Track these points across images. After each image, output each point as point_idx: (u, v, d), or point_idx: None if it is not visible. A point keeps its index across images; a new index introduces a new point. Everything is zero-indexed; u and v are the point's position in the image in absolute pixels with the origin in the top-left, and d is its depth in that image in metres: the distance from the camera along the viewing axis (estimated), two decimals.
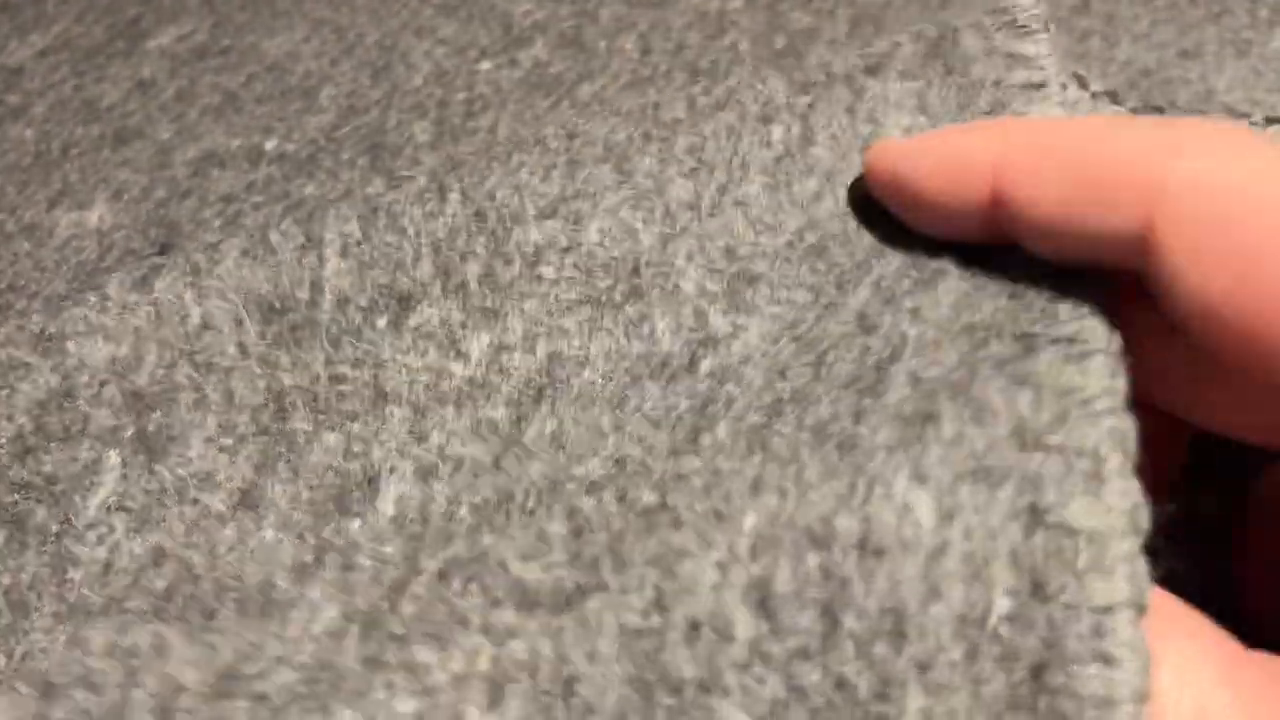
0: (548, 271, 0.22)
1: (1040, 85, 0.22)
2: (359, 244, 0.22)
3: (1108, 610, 0.15)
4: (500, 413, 0.21)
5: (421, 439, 0.21)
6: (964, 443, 0.16)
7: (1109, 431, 0.15)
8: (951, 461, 0.16)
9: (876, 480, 0.16)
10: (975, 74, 0.22)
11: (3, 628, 0.20)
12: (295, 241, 0.22)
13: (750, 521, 0.17)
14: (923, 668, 0.15)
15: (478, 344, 0.21)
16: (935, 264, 0.19)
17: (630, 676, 0.16)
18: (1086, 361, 0.16)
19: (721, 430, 0.18)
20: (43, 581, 0.21)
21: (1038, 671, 0.15)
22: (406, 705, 0.17)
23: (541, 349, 0.21)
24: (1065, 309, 0.17)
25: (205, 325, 0.22)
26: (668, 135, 0.22)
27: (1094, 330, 0.16)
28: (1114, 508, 0.15)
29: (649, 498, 0.18)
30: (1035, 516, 0.15)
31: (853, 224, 0.21)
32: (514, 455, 0.20)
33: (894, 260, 0.20)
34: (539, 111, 0.30)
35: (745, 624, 0.16)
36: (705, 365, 0.20)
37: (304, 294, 0.22)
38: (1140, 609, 0.15)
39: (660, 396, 0.20)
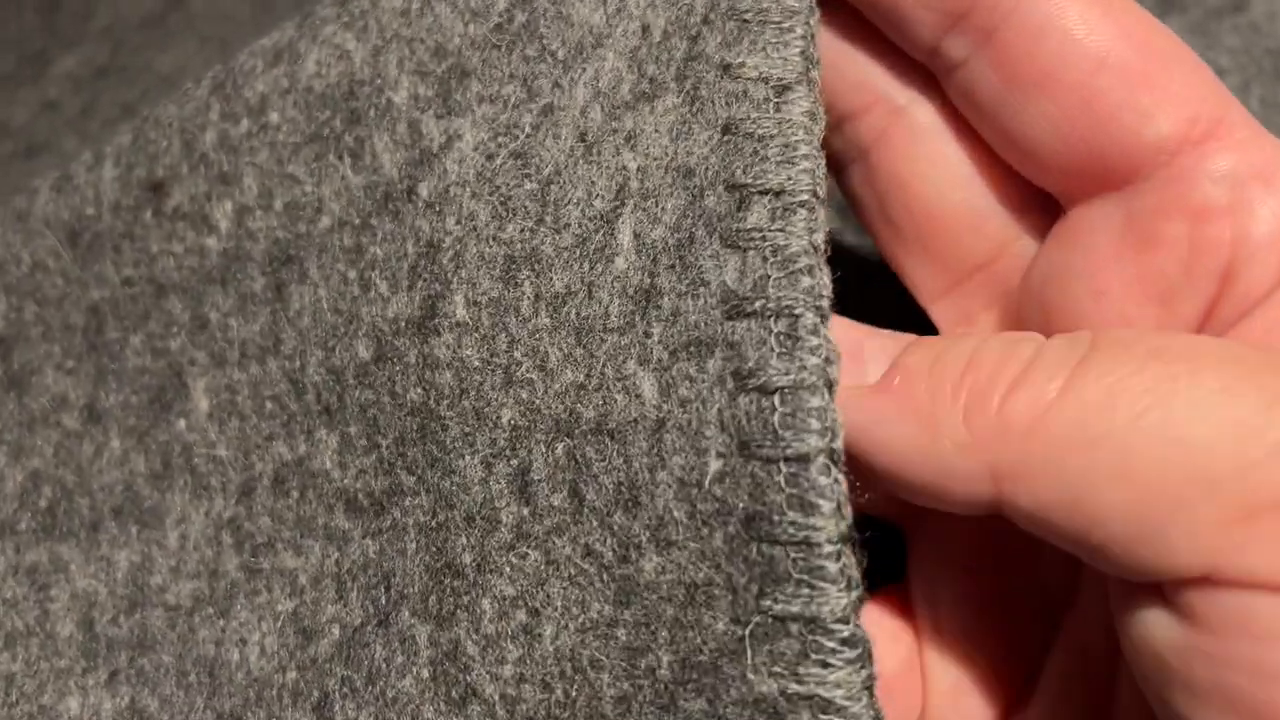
0: (273, 118, 0.21)
1: None
2: (129, 149, 0.22)
3: (802, 460, 0.15)
4: (259, 283, 0.21)
5: (203, 325, 0.21)
6: (680, 318, 0.17)
7: (804, 291, 0.16)
8: (669, 339, 0.17)
9: (608, 364, 0.17)
10: None
11: None
12: (86, 164, 0.23)
13: (507, 416, 0.18)
14: (654, 530, 0.16)
15: (222, 212, 0.21)
16: (652, 69, 0.18)
17: (428, 566, 0.18)
18: (790, 217, 0.16)
19: (459, 303, 0.18)
20: None
21: (749, 522, 0.16)
22: (286, 605, 0.20)
23: (278, 202, 0.21)
24: (774, 150, 0.17)
25: (35, 265, 0.23)
26: None
27: (798, 181, 0.17)
28: (806, 364, 0.16)
29: (414, 394, 0.19)
30: (739, 381, 0.16)
31: None
32: (289, 335, 0.20)
33: (608, 55, 0.19)
34: None
35: (510, 510, 0.18)
36: (424, 190, 0.19)
37: (90, 210, 0.22)
38: (833, 457, 0.15)
39: (389, 239, 0.19)
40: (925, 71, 0.20)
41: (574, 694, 0.17)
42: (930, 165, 0.20)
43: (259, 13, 0.38)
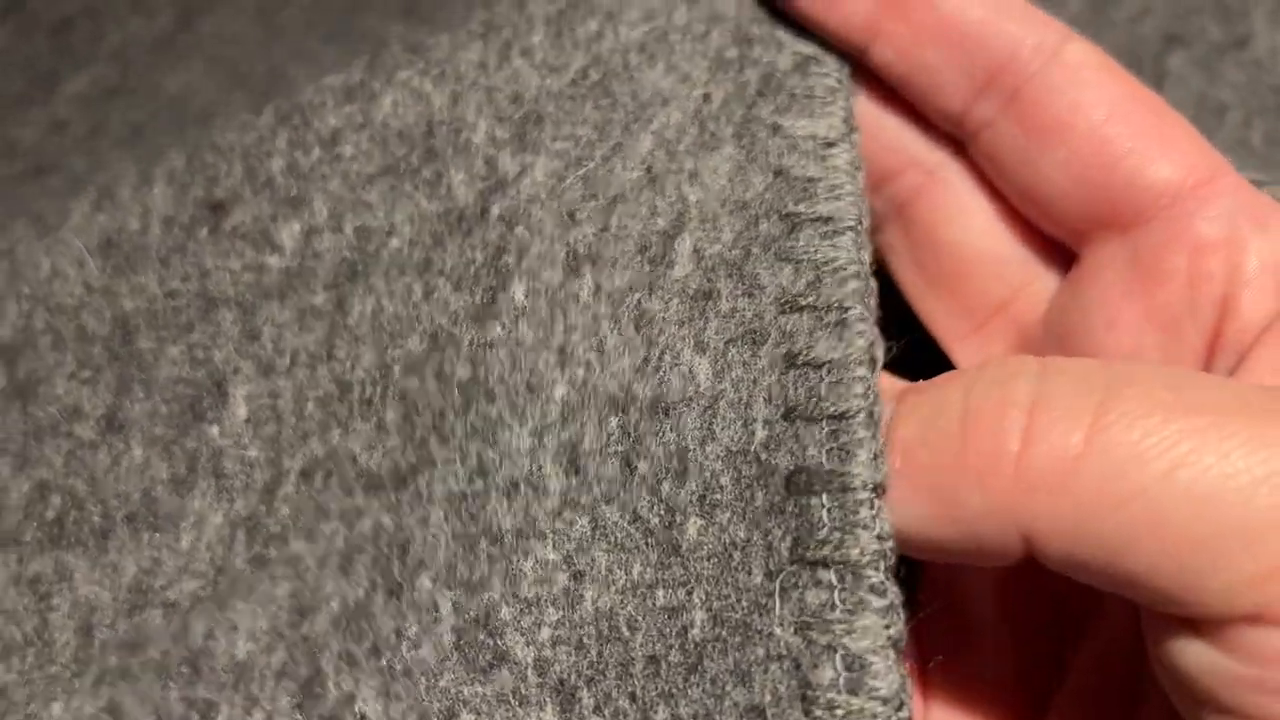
0: (346, 150, 0.22)
1: None
2: (183, 170, 0.23)
3: (844, 416, 0.17)
4: (321, 297, 0.22)
5: (254, 337, 0.22)
6: (737, 314, 0.18)
7: (853, 291, 0.18)
8: (726, 330, 0.18)
9: (666, 352, 0.18)
10: None
11: None
12: (131, 183, 0.23)
13: (560, 392, 0.19)
14: (700, 495, 0.17)
15: (289, 233, 0.22)
16: (713, 126, 0.21)
17: (457, 533, 0.19)
18: (838, 238, 0.19)
19: (519, 291, 0.20)
20: None
21: (789, 479, 0.17)
22: (285, 588, 0.20)
23: (349, 225, 0.22)
24: (823, 189, 0.19)
25: (54, 273, 0.23)
26: (465, 17, 0.23)
27: (845, 210, 0.19)
28: (853, 343, 0.17)
29: (462, 371, 0.20)
30: (789, 360, 0.18)
31: (633, 59, 0.22)
32: (344, 341, 0.21)
33: (674, 111, 0.21)
34: None
35: (557, 479, 0.18)
36: (495, 210, 0.21)
37: (135, 224, 0.23)
38: (873, 416, 0.17)
39: (459, 252, 0.21)
40: (950, 138, 0.23)
41: (607, 655, 0.17)
42: (958, 217, 0.23)
43: (269, 35, 0.38)
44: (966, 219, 0.22)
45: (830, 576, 0.16)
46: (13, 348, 0.23)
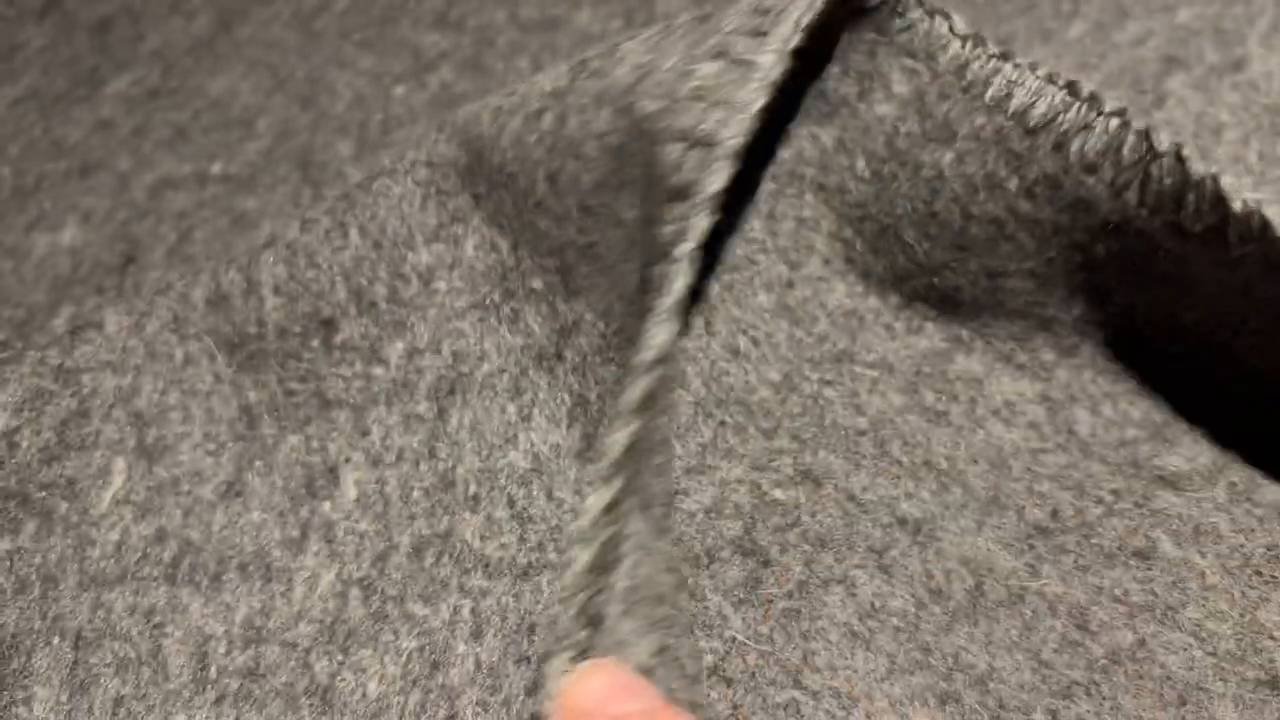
0: (440, 285, 0.27)
1: None
2: (287, 282, 0.28)
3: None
4: (423, 406, 0.26)
5: (365, 433, 0.26)
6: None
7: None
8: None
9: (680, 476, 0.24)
10: None
11: (36, 597, 0.25)
12: (240, 287, 0.28)
13: (634, 526, 0.23)
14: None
15: (394, 350, 0.27)
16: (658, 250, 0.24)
17: (573, 617, 0.23)
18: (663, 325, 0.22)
19: (609, 439, 0.24)
20: (66, 559, 0.26)
21: None
22: (410, 643, 0.24)
23: (446, 348, 0.27)
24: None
25: (187, 361, 0.27)
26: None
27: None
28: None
29: (573, 499, 0.25)
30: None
31: (607, 198, 0.26)
32: (444, 444, 0.26)
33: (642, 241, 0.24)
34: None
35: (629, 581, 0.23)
36: (569, 355, 0.26)
37: (253, 329, 0.27)
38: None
39: (548, 389, 0.26)
40: None
41: None
42: None
43: (307, 41, 0.39)
44: None
45: None
46: (146, 416, 0.27)
